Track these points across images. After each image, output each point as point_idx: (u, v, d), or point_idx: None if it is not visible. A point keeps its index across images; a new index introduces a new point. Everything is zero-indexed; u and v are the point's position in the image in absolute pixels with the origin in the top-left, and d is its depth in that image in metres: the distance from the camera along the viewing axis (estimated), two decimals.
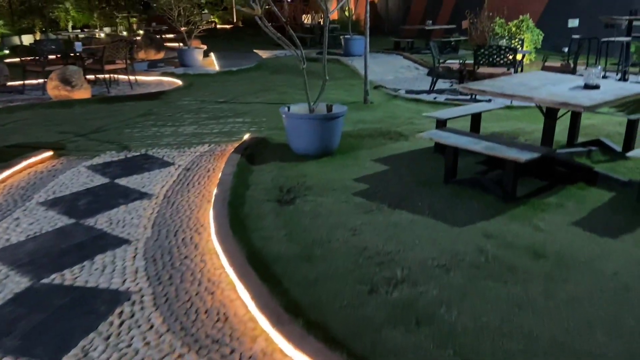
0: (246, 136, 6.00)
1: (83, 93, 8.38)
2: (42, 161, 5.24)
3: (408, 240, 3.40)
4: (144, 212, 4.00)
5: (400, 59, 13.44)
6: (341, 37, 15.01)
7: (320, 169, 4.92)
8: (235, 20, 37.02)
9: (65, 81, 8.19)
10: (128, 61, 9.82)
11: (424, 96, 8.50)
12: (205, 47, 13.04)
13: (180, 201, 4.23)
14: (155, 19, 27.32)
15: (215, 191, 4.21)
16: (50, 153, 5.38)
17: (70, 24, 22.92)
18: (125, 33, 25.23)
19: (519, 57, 8.43)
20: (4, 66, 9.99)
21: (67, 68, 8.28)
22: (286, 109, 5.39)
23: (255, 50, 16.38)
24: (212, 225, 3.62)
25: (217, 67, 12.36)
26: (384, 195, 4.22)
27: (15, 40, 19.36)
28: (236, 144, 5.72)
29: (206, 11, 38.10)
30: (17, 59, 12.43)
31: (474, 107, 5.41)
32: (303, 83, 5.44)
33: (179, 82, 10.38)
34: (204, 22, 12.30)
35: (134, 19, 26.86)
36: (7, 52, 17.07)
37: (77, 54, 9.79)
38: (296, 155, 5.30)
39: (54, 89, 8.25)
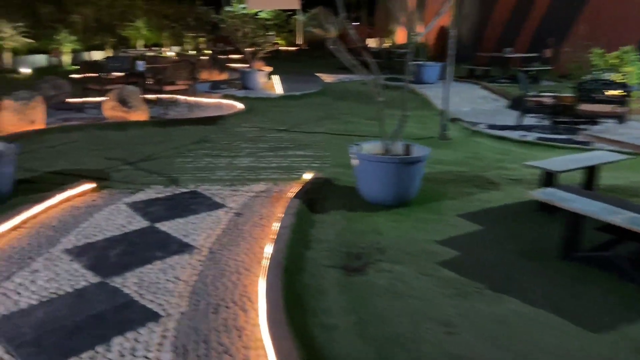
0: (308, 175, 5.24)
1: (140, 115, 7.98)
2: (81, 194, 4.70)
3: (525, 350, 2.47)
4: (182, 273, 3.28)
5: (476, 89, 12.43)
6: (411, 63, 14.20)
7: (396, 223, 4.06)
8: (299, 42, 37.10)
9: (123, 102, 7.81)
10: (190, 82, 9.41)
11: (509, 133, 7.48)
12: (268, 69, 12.59)
13: (227, 260, 3.49)
14: (222, 40, 27.65)
15: (269, 250, 3.44)
16: (92, 185, 4.84)
17: (140, 43, 23.41)
18: (192, 53, 25.62)
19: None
20: (66, 83, 9.85)
21: (125, 88, 7.91)
22: (356, 147, 4.60)
23: (318, 74, 15.85)
24: (262, 301, 2.84)
25: (279, 91, 11.83)
26: (481, 269, 3.30)
27: (86, 56, 19.89)
28: (296, 185, 4.97)
29: (272, 33, 38.52)
30: (82, 75, 12.47)
31: (593, 157, 4.39)
32: (377, 116, 4.65)
33: (239, 105, 9.87)
34: (269, 43, 11.86)
35: (202, 39, 27.25)
36: (77, 67, 17.47)
37: (139, 72, 9.52)
38: (366, 203, 4.47)
39: (111, 110, 7.89)
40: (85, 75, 9.41)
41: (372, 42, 27.68)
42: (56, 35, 16.75)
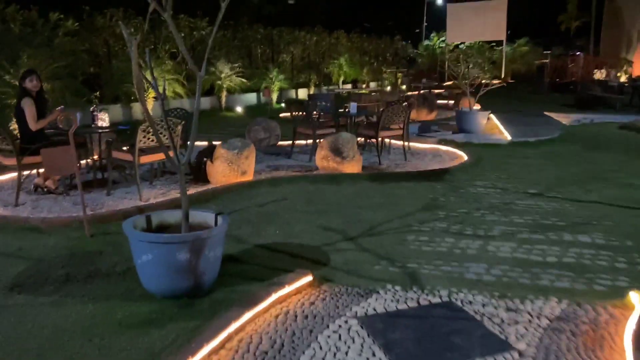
0: (636, 297, 3.26)
1: (353, 166, 6.83)
2: (296, 292, 3.47)
3: None
4: None
5: None
6: None
7: None
8: (503, 76, 34.12)
9: (336, 151, 6.74)
10: (404, 125, 8.06)
11: None
12: (489, 111, 10.72)
13: None
14: (422, 75, 26.45)
15: None
16: (308, 279, 3.59)
17: (341, 79, 23.42)
18: (389, 88, 24.90)
19: None
20: (276, 124, 9.33)
21: (340, 136, 6.84)
22: None
23: (547, 113, 13.34)
24: None
25: (506, 136, 9.83)
26: None
27: (292, 93, 20.33)
28: (618, 310, 3.06)
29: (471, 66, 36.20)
30: (289, 114, 12.16)
31: None
32: None
33: (462, 154, 8.19)
34: (496, 80, 10.00)
35: (400, 74, 26.42)
36: (283, 105, 17.76)
37: (351, 117, 8.52)
38: None
39: (323, 160, 6.88)
40: (293, 114, 8.69)
41: (598, 75, 23.61)
42: (269, 74, 17.24)
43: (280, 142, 9.45)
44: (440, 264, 3.94)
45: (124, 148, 5.87)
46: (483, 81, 10.20)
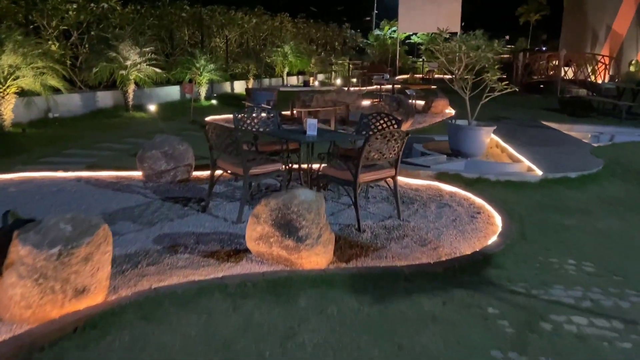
0: None
1: (319, 256, 3.53)
2: None
3: None
4: None
5: None
6: None
7: None
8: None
9: (287, 227, 3.43)
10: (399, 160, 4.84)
11: None
12: (494, 126, 7.65)
13: None
14: (376, 67, 23.43)
15: None
16: None
17: (286, 70, 19.95)
18: (338, 82, 21.71)
19: None
20: (188, 148, 5.87)
21: (295, 196, 3.50)
22: None
23: (546, 123, 10.60)
24: None
25: (527, 165, 6.83)
26: None
27: (226, 87, 16.70)
28: None
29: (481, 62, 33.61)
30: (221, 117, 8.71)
31: None
32: None
33: (482, 203, 5.20)
34: (503, 86, 6.93)
35: (352, 66, 23.28)
36: (214, 102, 14.14)
37: (308, 143, 5.19)
38: None
39: (260, 242, 3.56)
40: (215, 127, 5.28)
41: (569, 72, 21.47)
42: (195, 62, 13.54)
43: (197, 173, 6.03)
44: None
45: None
46: (492, 84, 7.17)
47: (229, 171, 4.78)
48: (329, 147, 5.54)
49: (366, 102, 13.32)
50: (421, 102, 13.68)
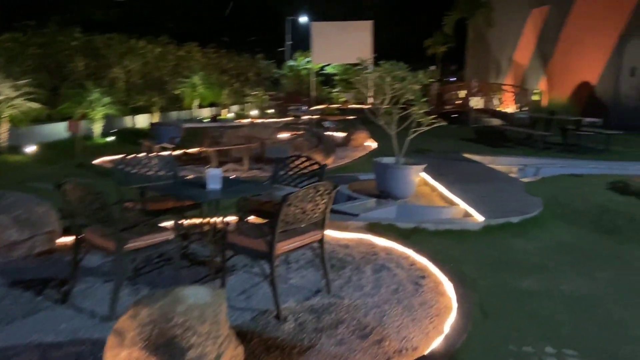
0: None
1: None
2: None
3: None
4: None
5: None
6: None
7: None
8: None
9: (166, 349, 2.25)
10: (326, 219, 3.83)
11: None
12: (424, 164, 6.90)
13: None
14: (293, 98, 22.72)
15: None
16: None
17: (196, 102, 18.60)
18: (255, 113, 20.70)
19: None
20: (48, 211, 4.50)
21: (178, 298, 2.36)
22: None
23: (468, 156, 10.20)
24: None
25: (464, 208, 6.11)
26: None
27: (127, 122, 15.11)
28: None
29: (338, 89, 33.47)
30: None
31: None
32: None
33: (426, 263, 4.36)
34: (430, 120, 6.23)
35: (267, 97, 22.39)
36: (109, 139, 12.54)
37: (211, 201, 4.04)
38: None
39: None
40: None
41: (474, 102, 21.96)
42: (88, 96, 11.92)
43: (62, 240, 4.64)
44: None
45: None
46: (417, 118, 6.45)
47: (97, 245, 3.52)
48: (237, 201, 4.45)
49: (284, 135, 12.37)
50: (340, 134, 12.98)
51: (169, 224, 4.80)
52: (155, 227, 3.69)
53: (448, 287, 3.91)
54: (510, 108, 20.95)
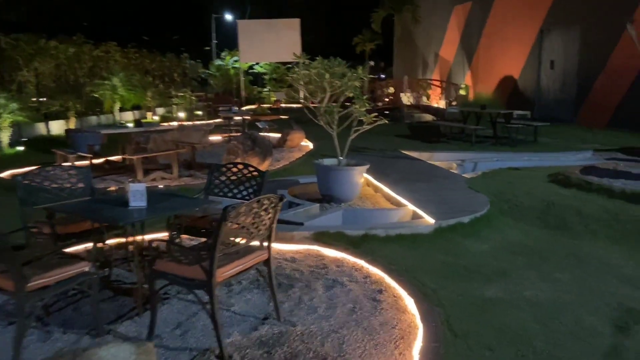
0: None
1: None
2: None
3: None
4: None
5: None
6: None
7: None
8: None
9: None
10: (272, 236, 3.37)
11: None
12: (367, 164, 6.58)
13: None
14: (221, 99, 21.87)
15: None
16: None
17: (117, 106, 17.38)
18: (182, 115, 19.70)
19: None
20: None
21: None
22: None
23: (406, 152, 10.05)
24: None
25: (413, 209, 5.84)
26: None
27: (41, 129, 13.78)
28: None
29: (267, 88, 32.81)
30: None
31: None
32: None
33: (381, 275, 4.04)
34: (372, 118, 5.92)
35: (194, 98, 21.40)
36: (19, 149, 11.32)
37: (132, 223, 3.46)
38: None
39: None
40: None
41: (405, 98, 22.23)
42: None
43: None
44: None
45: None
46: (359, 116, 6.12)
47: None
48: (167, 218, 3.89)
49: (216, 138, 11.70)
50: (275, 135, 12.49)
51: (84, 248, 4.16)
52: (66, 259, 3.07)
53: (409, 302, 3.57)
54: (438, 103, 21.36)
